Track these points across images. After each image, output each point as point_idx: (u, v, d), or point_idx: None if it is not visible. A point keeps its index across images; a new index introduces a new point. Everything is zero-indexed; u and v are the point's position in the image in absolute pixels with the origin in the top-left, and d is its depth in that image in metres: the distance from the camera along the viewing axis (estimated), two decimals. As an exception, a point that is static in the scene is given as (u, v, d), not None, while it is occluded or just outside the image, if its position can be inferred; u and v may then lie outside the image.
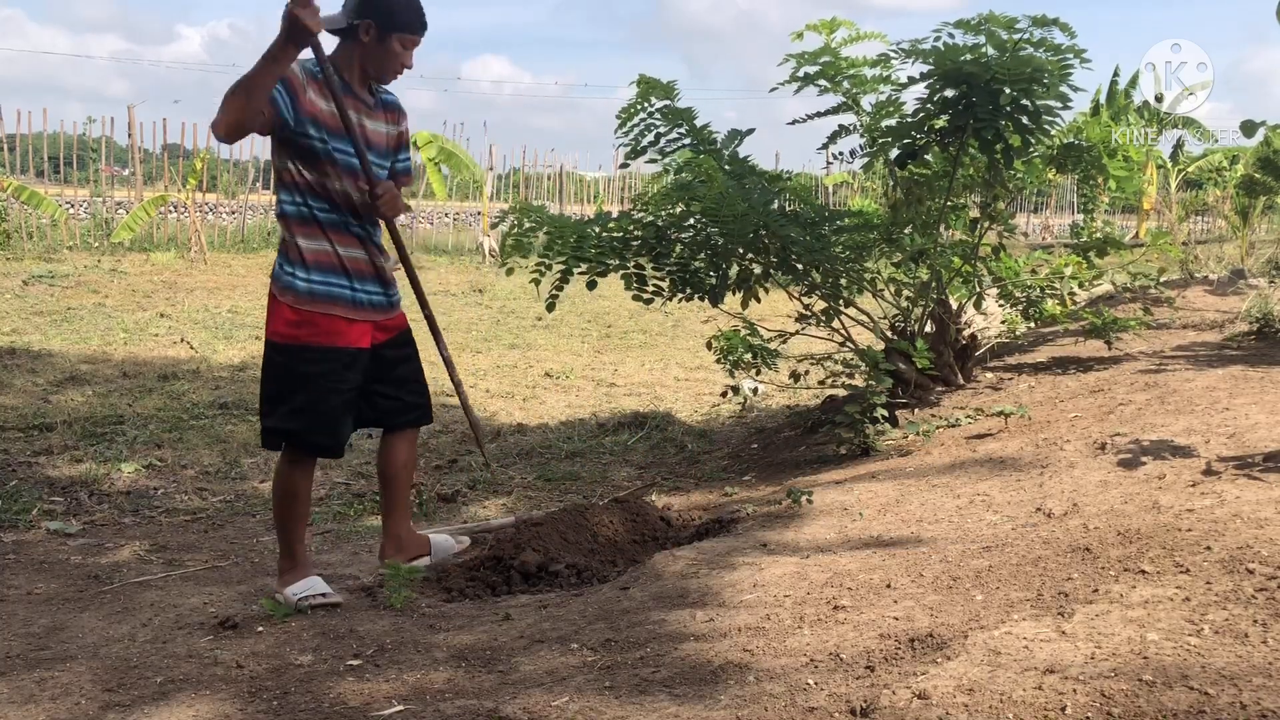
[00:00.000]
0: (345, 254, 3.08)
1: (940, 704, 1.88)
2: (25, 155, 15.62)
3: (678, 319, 10.57)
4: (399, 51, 3.07)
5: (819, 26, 4.89)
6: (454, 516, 4.43)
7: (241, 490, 4.77)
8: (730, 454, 5.29)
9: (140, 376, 6.95)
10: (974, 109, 4.38)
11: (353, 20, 3.02)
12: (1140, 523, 2.73)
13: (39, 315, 9.40)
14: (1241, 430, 3.47)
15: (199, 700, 2.31)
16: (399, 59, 3.09)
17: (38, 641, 2.77)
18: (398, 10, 3.04)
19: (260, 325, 9.44)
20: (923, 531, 3.08)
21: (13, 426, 5.50)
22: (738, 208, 4.49)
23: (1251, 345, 5.25)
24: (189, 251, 14.05)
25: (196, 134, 16.52)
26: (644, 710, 2.07)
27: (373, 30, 3.02)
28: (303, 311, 3.03)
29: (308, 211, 3.04)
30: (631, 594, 2.87)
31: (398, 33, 3.05)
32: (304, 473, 3.19)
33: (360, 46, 3.05)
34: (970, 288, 5.09)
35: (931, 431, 4.38)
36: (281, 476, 3.17)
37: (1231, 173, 16.30)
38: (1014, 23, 4.21)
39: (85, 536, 3.98)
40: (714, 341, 5.00)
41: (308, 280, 3.03)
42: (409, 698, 2.25)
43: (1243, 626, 2.06)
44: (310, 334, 3.04)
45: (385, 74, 3.12)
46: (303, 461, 3.18)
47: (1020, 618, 2.27)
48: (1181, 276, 8.20)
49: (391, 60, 3.08)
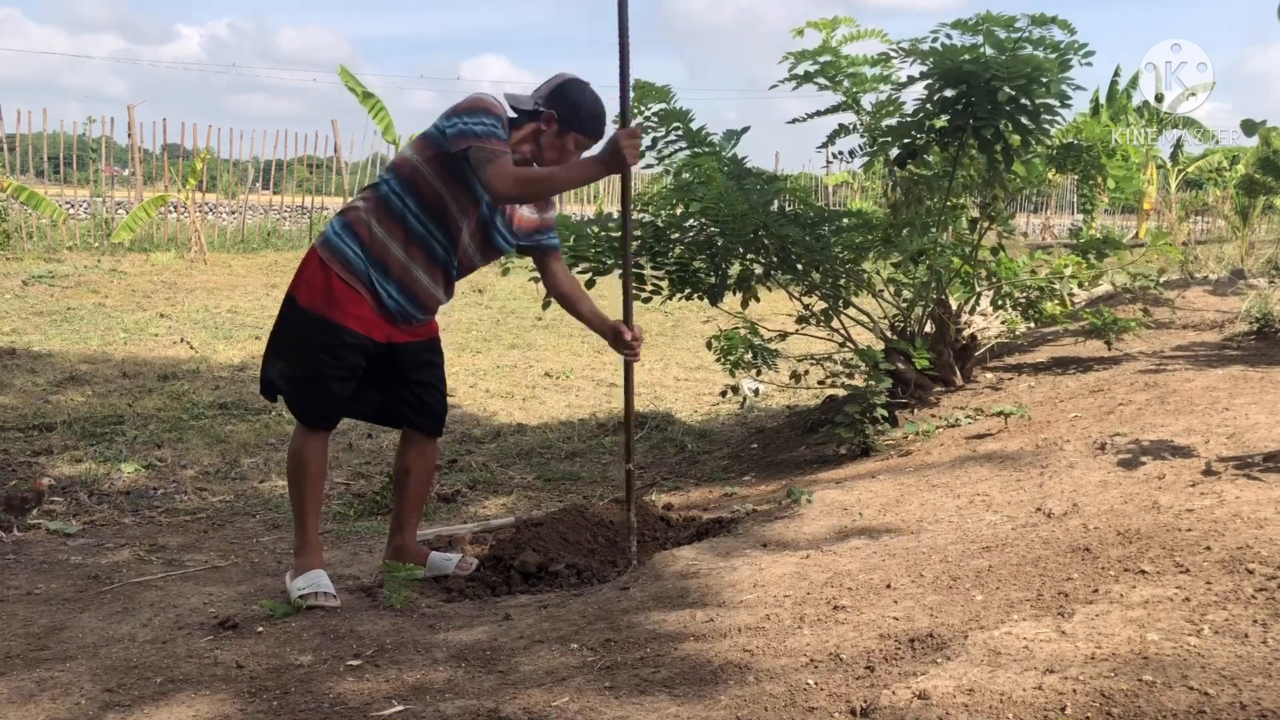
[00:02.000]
0: (408, 264, 3.09)
1: (940, 704, 1.88)
2: (25, 155, 15.60)
3: (678, 319, 10.57)
4: (570, 149, 3.14)
5: (820, 25, 4.89)
6: (454, 516, 4.43)
7: (241, 490, 4.77)
8: (730, 454, 5.29)
9: (140, 376, 6.95)
10: (973, 108, 4.38)
11: (539, 106, 3.10)
12: (1140, 523, 2.73)
13: (39, 315, 9.40)
14: (1241, 430, 3.47)
15: (199, 700, 2.31)
16: (567, 156, 3.15)
17: (38, 641, 2.77)
18: (585, 115, 3.12)
19: (260, 326, 9.46)
20: (923, 531, 3.08)
21: (13, 426, 5.50)
22: (737, 208, 4.49)
23: (1251, 345, 5.25)
24: (189, 251, 14.05)
25: (196, 134, 16.56)
26: (644, 710, 2.07)
27: (554, 124, 3.10)
28: (336, 283, 3.05)
29: (401, 208, 3.06)
30: (631, 594, 2.87)
31: (576, 133, 3.12)
32: (314, 445, 3.18)
33: (538, 132, 3.11)
34: (970, 288, 5.10)
35: (931, 431, 4.38)
36: (294, 443, 3.22)
37: (1231, 173, 16.31)
38: (1013, 21, 4.21)
39: (85, 536, 3.98)
40: (714, 341, 5.01)
41: (364, 260, 3.05)
42: (409, 698, 2.25)
43: (1243, 626, 2.06)
44: (332, 309, 3.06)
45: (550, 164, 3.18)
46: (314, 433, 3.19)
47: (1020, 618, 2.27)
48: (1181, 277, 8.20)
49: (560, 154, 3.14)
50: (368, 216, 3.08)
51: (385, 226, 3.07)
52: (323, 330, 3.07)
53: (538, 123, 3.10)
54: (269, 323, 3.43)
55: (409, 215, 3.06)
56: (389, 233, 3.07)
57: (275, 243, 16.01)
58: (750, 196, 4.64)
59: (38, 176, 16.42)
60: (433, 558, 3.42)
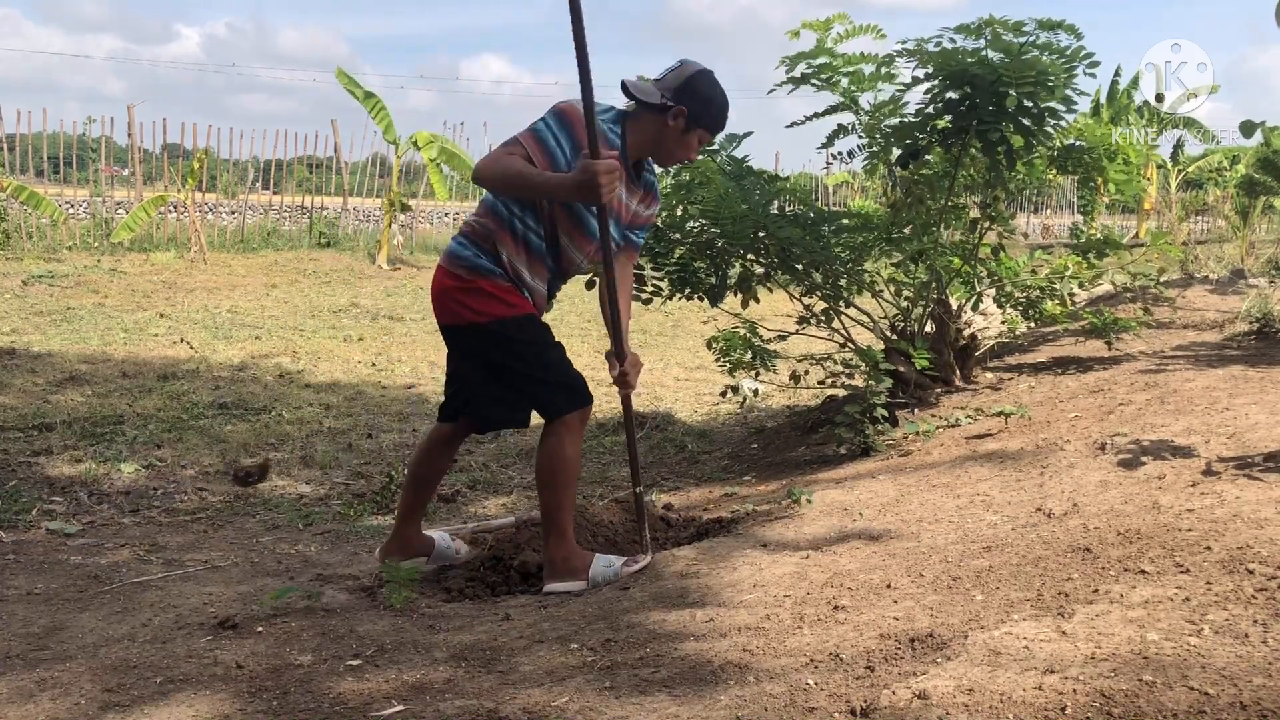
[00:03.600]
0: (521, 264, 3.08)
1: (940, 704, 1.88)
2: (25, 155, 15.61)
3: (678, 319, 10.58)
4: (694, 145, 3.11)
5: (814, 25, 4.89)
6: (454, 516, 4.43)
7: (241, 490, 4.76)
8: (730, 454, 5.29)
9: (140, 376, 6.95)
10: (977, 110, 4.38)
11: (666, 101, 3.02)
12: (1140, 523, 2.73)
13: (39, 315, 9.40)
14: (1241, 430, 3.47)
15: (199, 700, 2.31)
16: (690, 152, 3.12)
17: (38, 641, 2.77)
18: (715, 111, 3.07)
19: (260, 325, 9.48)
20: (923, 531, 3.08)
21: (13, 426, 5.49)
22: (737, 209, 4.49)
23: (1251, 345, 5.25)
24: (189, 251, 14.05)
25: (196, 134, 16.55)
26: (644, 710, 2.07)
27: (682, 118, 3.03)
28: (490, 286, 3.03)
29: (520, 226, 3.04)
30: (631, 594, 2.87)
31: (702, 129, 3.08)
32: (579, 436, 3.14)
33: (663, 127, 3.05)
34: (970, 288, 5.10)
35: (931, 431, 4.38)
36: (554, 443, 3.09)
37: (1231, 173, 16.32)
38: (1020, 25, 4.21)
39: (85, 536, 3.98)
40: (714, 341, 5.01)
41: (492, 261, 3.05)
42: (409, 698, 2.25)
43: (1243, 626, 2.06)
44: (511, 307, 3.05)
45: (669, 160, 3.17)
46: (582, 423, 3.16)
47: (1020, 618, 2.27)
48: (1181, 276, 8.20)
49: (685, 151, 3.11)
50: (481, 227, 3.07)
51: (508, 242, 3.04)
52: (519, 325, 3.05)
53: (665, 116, 3.03)
54: (269, 322, 3.43)
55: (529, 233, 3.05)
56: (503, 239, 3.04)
57: (275, 243, 16.02)
58: (750, 197, 4.64)
59: (38, 176, 16.43)
60: (439, 546, 3.47)
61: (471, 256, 3.05)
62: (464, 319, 3.06)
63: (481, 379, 3.15)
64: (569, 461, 3.08)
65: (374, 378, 7.46)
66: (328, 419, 6.10)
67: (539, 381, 3.10)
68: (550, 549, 3.12)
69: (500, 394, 3.15)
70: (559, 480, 3.08)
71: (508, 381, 3.12)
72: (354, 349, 8.65)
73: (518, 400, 3.16)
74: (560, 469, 3.08)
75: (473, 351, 3.14)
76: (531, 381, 3.11)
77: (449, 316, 3.10)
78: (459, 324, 3.09)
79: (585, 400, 3.14)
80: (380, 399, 6.72)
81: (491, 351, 3.09)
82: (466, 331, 3.09)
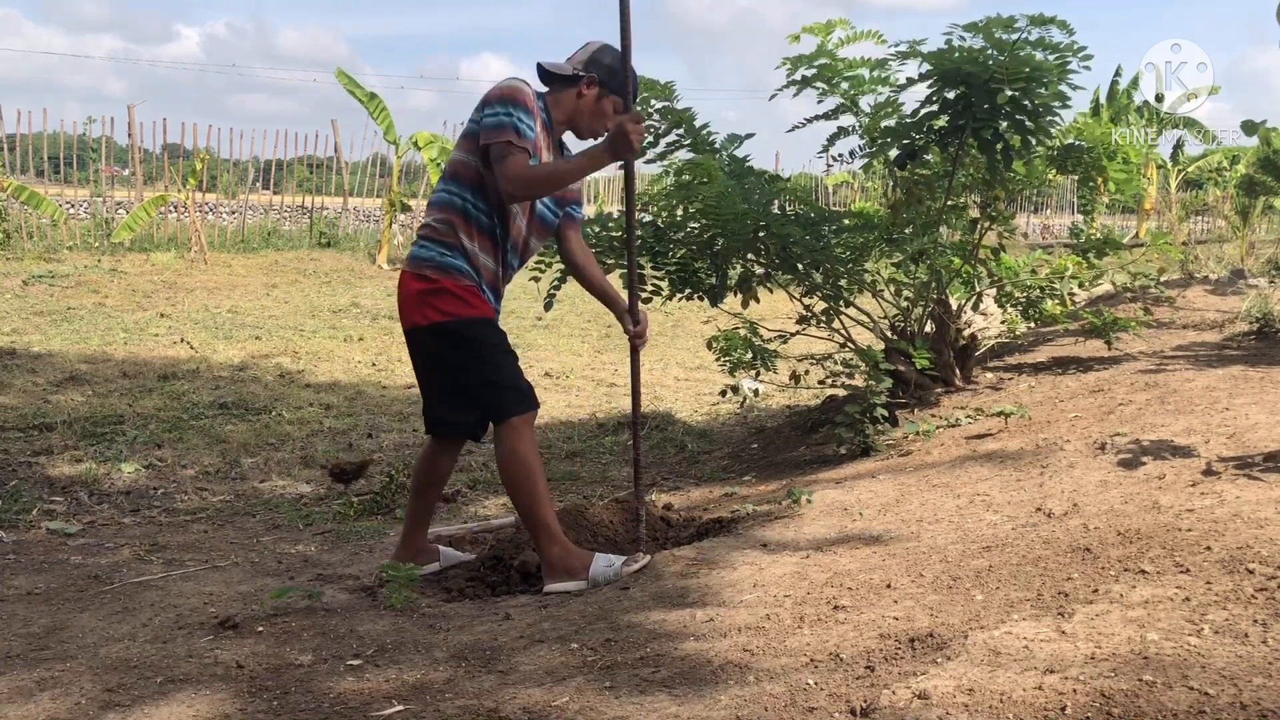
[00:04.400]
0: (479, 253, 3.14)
1: (940, 704, 1.88)
2: (25, 155, 15.60)
3: (678, 319, 10.58)
4: (608, 113, 3.18)
5: (815, 29, 4.89)
6: (454, 517, 4.43)
7: (241, 490, 4.77)
8: (730, 454, 5.29)
9: (140, 376, 6.95)
10: (973, 109, 4.38)
11: (578, 71, 3.14)
12: (1140, 523, 2.73)
13: (39, 315, 9.40)
14: (1241, 430, 3.47)
15: (199, 700, 2.31)
16: (607, 120, 3.19)
17: (38, 641, 2.77)
18: (623, 77, 3.17)
19: (260, 325, 9.48)
20: (923, 531, 3.08)
21: (13, 426, 5.50)
22: (738, 208, 4.49)
23: (1251, 345, 5.25)
24: (189, 251, 14.05)
25: (196, 134, 16.55)
26: (644, 710, 2.07)
27: (594, 87, 3.15)
28: (454, 286, 3.10)
29: (463, 205, 3.12)
30: (631, 594, 2.87)
31: (614, 95, 3.17)
32: (531, 437, 3.17)
33: (576, 98, 3.16)
34: (970, 288, 5.10)
35: (931, 431, 4.38)
36: (508, 445, 3.14)
37: (1232, 173, 16.33)
38: (1012, 22, 4.21)
39: (85, 536, 3.98)
40: (714, 341, 5.01)
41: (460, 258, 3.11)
42: (409, 698, 2.25)
43: (1243, 626, 2.06)
44: (470, 308, 3.12)
45: (588, 131, 3.23)
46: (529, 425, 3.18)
47: (1020, 618, 2.27)
48: (1181, 276, 8.21)
49: (600, 120, 3.19)
50: (443, 225, 3.12)
51: (465, 229, 3.10)
52: (479, 327, 3.11)
53: (578, 87, 3.15)
54: (269, 322, 3.43)
55: (470, 209, 3.11)
56: (468, 232, 3.11)
57: (275, 243, 16.01)
58: (751, 196, 4.64)
59: (38, 176, 16.43)
60: (445, 551, 3.50)
61: (437, 255, 3.11)
62: (428, 319, 3.11)
63: (437, 380, 3.21)
64: (526, 461, 3.12)
65: (374, 378, 7.46)
66: (328, 419, 6.10)
67: (490, 384, 3.14)
68: (542, 549, 3.13)
69: (450, 395, 3.19)
70: (522, 482, 3.12)
71: (460, 381, 3.16)
72: (354, 349, 8.66)
73: (467, 403, 3.19)
74: (520, 469, 3.12)
75: (431, 352, 3.18)
76: (484, 384, 3.14)
77: (411, 319, 3.16)
78: (422, 324, 3.13)
79: (532, 405, 3.19)
80: (380, 399, 6.72)
81: (449, 351, 3.14)
82: (428, 332, 3.14)
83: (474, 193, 3.10)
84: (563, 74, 3.15)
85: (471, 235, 3.11)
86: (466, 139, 3.12)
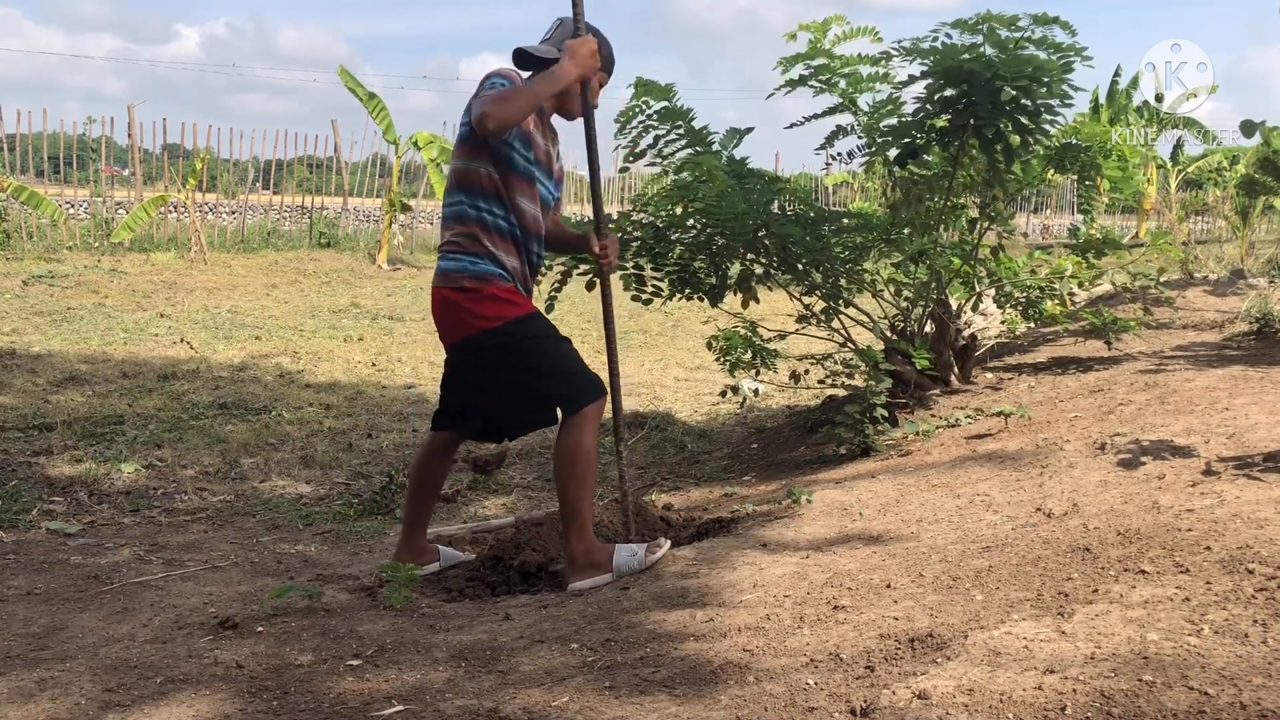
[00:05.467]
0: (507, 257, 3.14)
1: (940, 704, 1.88)
2: (25, 155, 15.60)
3: (678, 319, 10.58)
4: (595, 88, 3.21)
5: (811, 27, 4.89)
6: (454, 517, 4.43)
7: (241, 490, 4.77)
8: (730, 454, 5.29)
9: (140, 376, 6.95)
10: (974, 108, 4.38)
11: (560, 50, 3.15)
12: (1140, 523, 2.73)
13: (39, 315, 9.40)
14: (1241, 430, 3.47)
15: (199, 700, 2.31)
16: (591, 96, 3.21)
17: (38, 641, 2.77)
18: (602, 51, 3.18)
19: (260, 326, 9.48)
20: (923, 531, 3.08)
21: (13, 426, 5.50)
22: (737, 207, 4.49)
23: (1251, 345, 5.25)
24: (189, 251, 14.05)
25: (196, 134, 16.55)
26: (644, 710, 2.07)
27: None
28: (497, 290, 3.09)
29: (489, 216, 3.11)
30: (631, 594, 2.87)
31: (602, 71, 3.21)
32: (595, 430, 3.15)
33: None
34: (970, 288, 5.09)
35: (931, 431, 4.38)
36: (573, 438, 3.09)
37: (1231, 173, 16.32)
38: (1015, 20, 4.21)
39: (85, 536, 3.98)
40: (714, 341, 5.01)
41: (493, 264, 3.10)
42: (409, 698, 2.25)
43: (1243, 626, 2.06)
44: (515, 306, 3.12)
45: (573, 109, 3.24)
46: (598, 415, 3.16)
47: (1020, 618, 2.27)
48: (1181, 276, 8.21)
49: (581, 98, 3.21)
50: (465, 239, 3.11)
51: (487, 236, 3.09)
52: (530, 323, 3.12)
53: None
54: (269, 322, 3.44)
55: (486, 217, 3.10)
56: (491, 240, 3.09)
57: (275, 243, 16.02)
58: (750, 196, 4.64)
59: (38, 176, 16.43)
60: (445, 551, 3.50)
61: (469, 264, 3.08)
62: (476, 328, 3.08)
63: (501, 386, 3.15)
64: (589, 454, 3.09)
65: (374, 378, 7.46)
66: (328, 419, 6.10)
67: (562, 375, 3.12)
68: (571, 544, 3.11)
69: (519, 397, 3.16)
70: (579, 474, 3.08)
71: (524, 381, 3.13)
72: (354, 349, 8.66)
73: (539, 401, 3.17)
74: (583, 461, 3.08)
75: (486, 360, 3.13)
76: (553, 377, 3.12)
77: (460, 331, 3.12)
78: (471, 335, 3.10)
79: (602, 390, 3.17)
80: (380, 399, 6.72)
81: (507, 354, 3.10)
82: (479, 341, 3.10)
83: (485, 199, 3.09)
84: (549, 57, 3.13)
85: (494, 241, 3.09)
86: (463, 144, 3.11)
